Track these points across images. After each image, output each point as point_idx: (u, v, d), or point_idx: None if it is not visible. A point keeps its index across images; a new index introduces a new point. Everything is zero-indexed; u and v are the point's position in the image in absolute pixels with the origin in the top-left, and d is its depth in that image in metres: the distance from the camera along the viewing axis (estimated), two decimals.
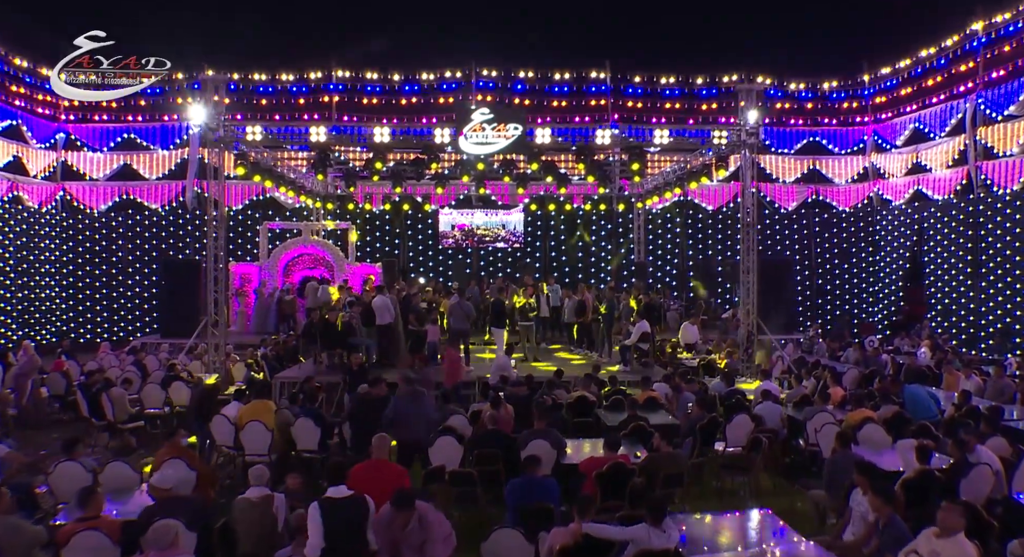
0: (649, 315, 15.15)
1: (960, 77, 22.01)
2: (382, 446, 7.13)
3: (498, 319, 15.12)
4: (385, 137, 14.97)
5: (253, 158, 17.54)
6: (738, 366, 16.27)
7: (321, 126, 16.15)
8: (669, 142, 15.35)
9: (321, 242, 22.18)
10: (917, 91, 23.99)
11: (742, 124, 15.63)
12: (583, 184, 24.02)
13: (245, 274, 21.79)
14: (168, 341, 19.24)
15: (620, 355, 15.11)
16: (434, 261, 25.31)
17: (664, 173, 21.73)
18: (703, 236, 25.54)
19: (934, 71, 23.41)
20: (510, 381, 12.19)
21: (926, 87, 23.59)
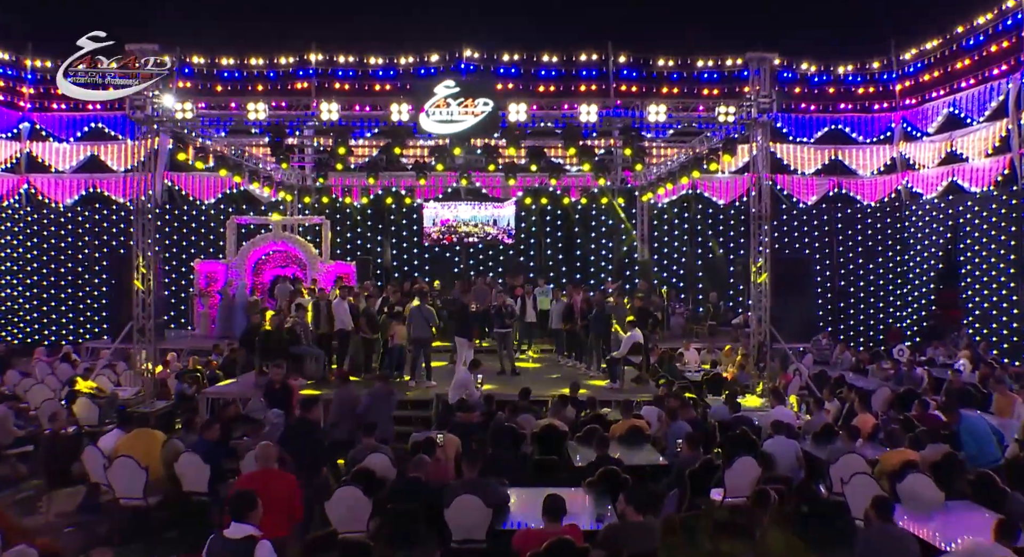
0: (642, 322, 12.68)
1: (997, 56, 19.26)
2: (268, 456, 6.45)
3: (461, 326, 12.72)
4: (333, 114, 12.65)
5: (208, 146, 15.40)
6: (748, 380, 13.76)
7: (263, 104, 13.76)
8: (665, 119, 12.79)
9: (293, 238, 19.99)
10: (949, 73, 21.22)
11: (753, 99, 13.13)
12: (580, 175, 21.65)
13: (211, 273, 19.66)
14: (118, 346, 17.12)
15: (608, 370, 12.68)
16: (419, 260, 22.98)
17: (668, 162, 19.24)
18: (713, 233, 22.93)
19: (967, 51, 20.66)
20: (466, 404, 9.81)
21: (958, 69, 20.82)
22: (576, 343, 15.00)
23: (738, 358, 15.26)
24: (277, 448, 6.72)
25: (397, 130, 14.35)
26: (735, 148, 14.46)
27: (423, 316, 12.38)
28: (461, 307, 12.81)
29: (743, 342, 17.15)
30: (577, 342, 14.97)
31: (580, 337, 14.74)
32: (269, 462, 6.42)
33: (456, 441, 8.48)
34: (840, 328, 22.89)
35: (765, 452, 8.36)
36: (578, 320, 14.76)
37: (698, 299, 22.11)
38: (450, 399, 11.13)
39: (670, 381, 13.38)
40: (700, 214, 22.95)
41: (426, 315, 12.44)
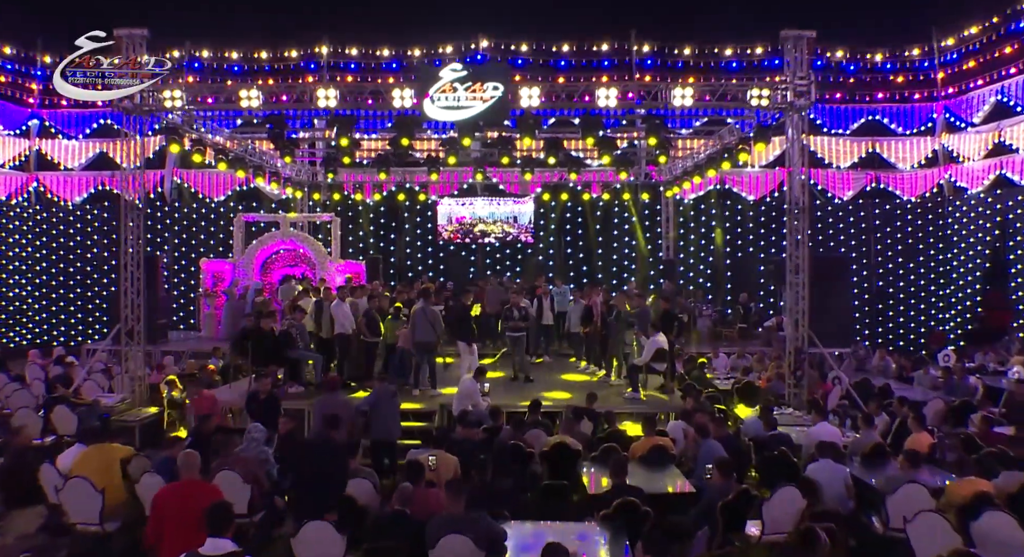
0: (667, 325, 11.49)
1: None
2: (191, 464, 6.04)
3: (462, 330, 11.59)
4: (331, 101, 11.62)
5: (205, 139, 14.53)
6: (783, 389, 12.48)
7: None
8: (692, 104, 11.58)
9: (302, 236, 19.05)
10: (994, 60, 19.67)
11: (789, 80, 11.86)
12: (602, 170, 20.48)
13: (218, 272, 18.83)
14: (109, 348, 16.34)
15: (629, 378, 11.50)
16: (433, 258, 21.94)
17: (694, 156, 17.98)
18: (742, 231, 21.58)
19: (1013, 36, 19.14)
20: (467, 418, 8.72)
21: (1005, 55, 19.28)
22: (595, 348, 13.83)
23: (771, 364, 13.98)
24: (197, 456, 6.17)
25: (404, 120, 13.30)
26: (768, 135, 13.19)
27: (427, 318, 11.30)
28: (461, 308, 11.70)
29: (776, 347, 15.88)
30: (596, 347, 13.80)
31: (599, 341, 13.55)
32: (192, 471, 6.01)
33: (454, 462, 7.40)
34: (878, 331, 21.41)
35: (809, 478, 7.14)
36: (597, 323, 13.59)
37: (726, 301, 20.77)
38: (454, 410, 10.06)
39: (697, 390, 12.16)
40: (728, 210, 21.59)
41: (430, 317, 11.36)
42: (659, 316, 11.95)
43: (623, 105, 11.95)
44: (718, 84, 12.13)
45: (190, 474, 5.98)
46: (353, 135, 14.06)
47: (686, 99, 11.48)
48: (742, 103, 12.06)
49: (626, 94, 11.82)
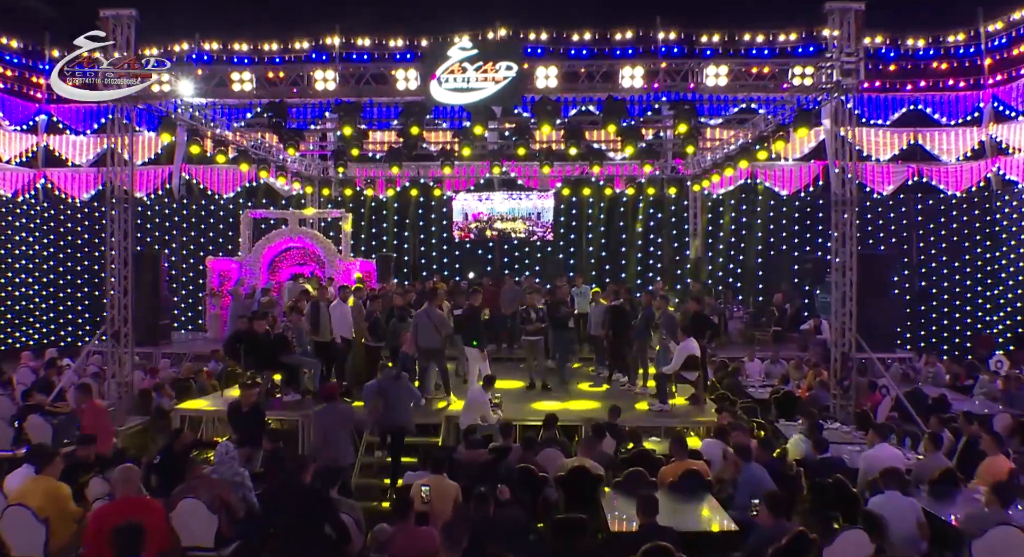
0: (698, 330, 10.28)
1: None
2: (129, 479, 5.60)
3: (470, 334, 10.45)
4: (329, 84, 10.59)
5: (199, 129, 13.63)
6: (825, 400, 11.21)
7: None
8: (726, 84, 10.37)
9: (311, 233, 18.14)
10: None
11: (835, 57, 10.59)
12: (625, 163, 19.31)
13: (224, 271, 17.95)
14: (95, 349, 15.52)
15: (656, 388, 10.31)
16: (448, 256, 20.88)
17: (724, 146, 16.71)
18: (774, 228, 20.21)
19: None
20: (470, 438, 7.62)
21: None
22: (618, 353, 12.63)
23: (809, 372, 12.69)
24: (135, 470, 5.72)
25: (413, 107, 12.25)
26: (811, 119, 11.90)
27: (431, 321, 10.22)
28: (470, 310, 10.57)
29: (813, 351, 14.60)
30: (619, 352, 12.60)
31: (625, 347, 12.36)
32: (128, 487, 5.54)
33: (454, 491, 6.31)
34: (920, 335, 19.94)
35: (873, 514, 5.94)
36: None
37: (757, 302, 19.43)
38: (461, 423, 8.98)
39: (731, 401, 10.96)
40: (759, 206, 20.25)
41: (435, 320, 10.27)
42: (690, 319, 10.73)
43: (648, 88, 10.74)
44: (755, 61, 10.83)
45: (126, 491, 5.46)
46: (358, 124, 13.02)
47: (720, 78, 10.29)
48: (781, 83, 10.79)
49: (653, 76, 10.62)
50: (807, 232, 20.05)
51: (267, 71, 11.41)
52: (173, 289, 20.60)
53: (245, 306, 16.52)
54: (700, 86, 10.53)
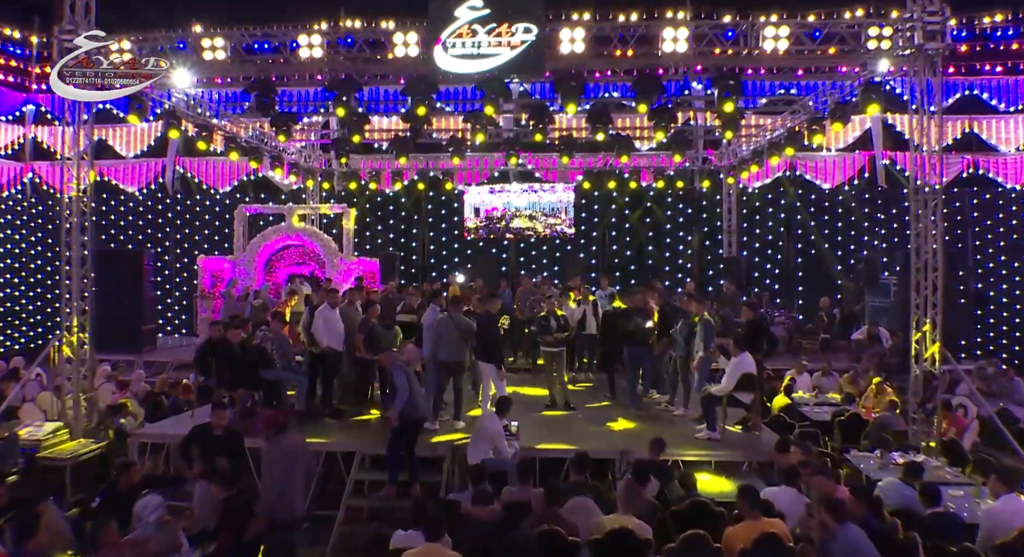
0: (754, 341, 8.51)
1: None
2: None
3: (487, 346, 8.75)
4: (316, 50, 8.93)
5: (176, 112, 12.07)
6: (896, 424, 9.37)
7: None
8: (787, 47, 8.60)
9: (310, 231, 16.57)
10: None
11: (915, 16, 8.78)
12: (653, 154, 17.57)
13: (217, 271, 16.42)
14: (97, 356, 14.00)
15: (703, 411, 8.54)
16: (459, 255, 19.19)
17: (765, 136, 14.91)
18: (815, 224, 18.34)
19: None
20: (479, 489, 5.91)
21: None
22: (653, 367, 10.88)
23: (871, 388, 10.86)
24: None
25: (417, 83, 10.57)
26: (880, 95, 10.04)
27: (458, 330, 8.51)
28: (487, 318, 8.84)
29: (867, 364, 12.76)
30: (654, 366, 10.85)
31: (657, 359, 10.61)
32: None
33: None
34: (976, 342, 17.98)
35: None
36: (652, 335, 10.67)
37: (798, 305, 17.58)
38: (469, 457, 7.28)
39: (788, 424, 9.19)
40: (799, 200, 18.38)
41: (463, 328, 8.58)
42: (745, 328, 8.94)
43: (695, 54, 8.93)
44: (821, 22, 9.02)
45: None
46: (355, 105, 11.36)
47: (780, 41, 8.50)
48: (853, 52, 9.00)
49: (700, 39, 8.86)
50: (851, 229, 18.17)
51: (243, 38, 9.75)
52: (166, 290, 19.24)
53: (238, 309, 15.08)
54: (756, 56, 8.73)
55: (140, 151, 19.39)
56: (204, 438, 6.98)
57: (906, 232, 17.68)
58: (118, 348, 13.98)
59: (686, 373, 9.48)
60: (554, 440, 8.26)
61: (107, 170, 19.52)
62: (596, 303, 12.28)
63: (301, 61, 9.16)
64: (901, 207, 17.72)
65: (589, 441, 8.20)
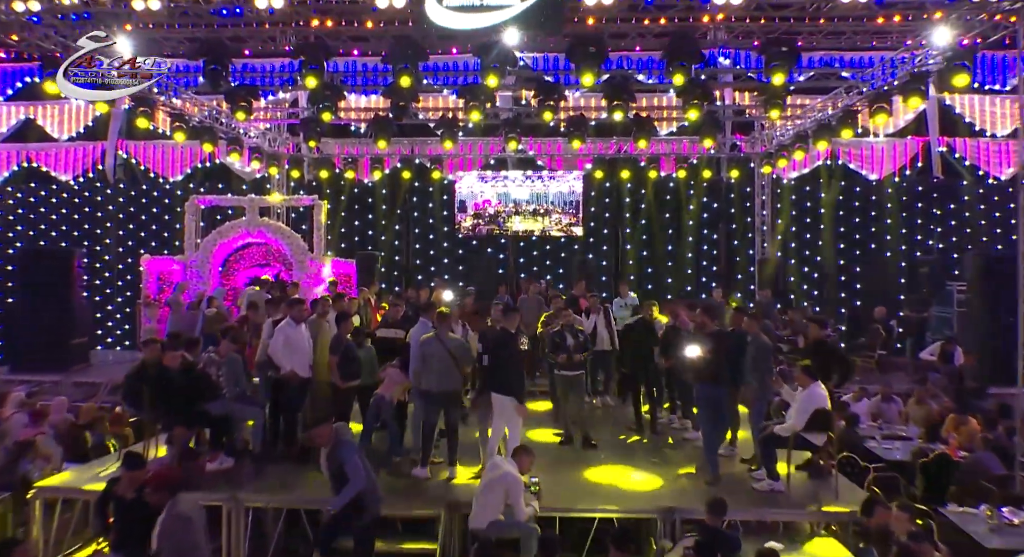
0: (826, 368, 7.40)
1: None
2: None
3: (506, 374, 7.33)
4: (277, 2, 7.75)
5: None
6: (995, 466, 8.28)
7: None
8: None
9: (275, 226, 15.42)
10: None
11: None
12: (673, 139, 16.55)
13: (164, 273, 15.23)
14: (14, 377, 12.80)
15: (762, 456, 7.42)
16: (451, 256, 18.06)
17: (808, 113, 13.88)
18: (861, 221, 17.31)
19: None
20: None
21: None
22: (686, 394, 9.79)
23: (949, 419, 9.77)
24: None
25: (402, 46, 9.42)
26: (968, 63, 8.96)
27: (448, 353, 7.37)
28: (504, 337, 7.56)
29: (936, 385, 11.73)
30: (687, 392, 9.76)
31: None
32: None
33: None
34: None
35: None
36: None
37: (840, 314, 16.55)
38: (473, 520, 6.14)
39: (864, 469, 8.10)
40: (842, 193, 17.35)
41: (452, 348, 7.44)
42: (813, 350, 7.81)
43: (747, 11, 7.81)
44: None
45: None
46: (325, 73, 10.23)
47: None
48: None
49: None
50: (902, 227, 17.14)
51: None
52: (106, 295, 18.01)
53: (188, 319, 13.88)
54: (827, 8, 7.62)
55: (76, 133, 18.00)
56: (110, 501, 5.90)
57: (965, 230, 16.93)
58: (40, 367, 12.78)
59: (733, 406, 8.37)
60: (577, 491, 7.15)
61: (35, 155, 18.18)
62: (608, 312, 11.20)
63: (259, 13, 7.99)
64: (960, 201, 16.77)
65: (621, 495, 7.10)
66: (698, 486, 7.41)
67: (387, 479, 7.39)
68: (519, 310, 7.98)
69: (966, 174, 16.64)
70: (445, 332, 7.76)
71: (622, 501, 6.99)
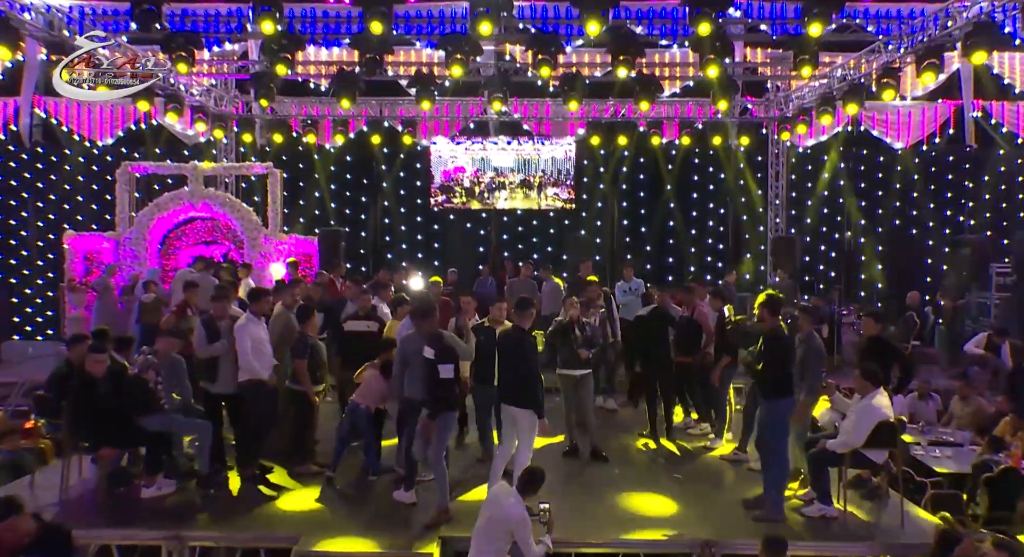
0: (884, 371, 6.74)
1: None
2: None
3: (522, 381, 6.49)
4: None
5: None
6: None
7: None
8: None
9: (222, 198, 14.58)
10: None
11: None
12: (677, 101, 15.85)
13: (92, 253, 14.38)
14: None
15: (812, 475, 6.76)
16: (425, 231, 17.32)
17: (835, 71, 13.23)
18: (886, 193, 16.80)
19: None
20: None
21: None
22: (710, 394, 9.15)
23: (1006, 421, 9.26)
24: None
25: None
26: None
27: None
28: (518, 337, 6.62)
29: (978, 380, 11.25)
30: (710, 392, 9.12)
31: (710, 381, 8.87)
32: None
33: None
34: None
35: None
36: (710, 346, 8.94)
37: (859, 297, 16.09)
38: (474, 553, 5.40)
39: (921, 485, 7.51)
40: (864, 163, 16.81)
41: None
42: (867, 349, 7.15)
43: None
44: None
45: None
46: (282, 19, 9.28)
47: None
48: None
49: None
50: (929, 201, 16.67)
51: None
52: (23, 277, 17.00)
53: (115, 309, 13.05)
54: None
55: None
56: None
57: (1001, 205, 16.50)
58: None
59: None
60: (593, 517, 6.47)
61: None
62: (611, 301, 10.52)
63: None
64: (996, 173, 16.30)
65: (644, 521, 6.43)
66: (736, 509, 6.77)
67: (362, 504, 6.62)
68: (533, 304, 7.14)
69: (1003, 142, 16.14)
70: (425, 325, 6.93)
71: (647, 529, 6.31)
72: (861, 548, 6.19)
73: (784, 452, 6.71)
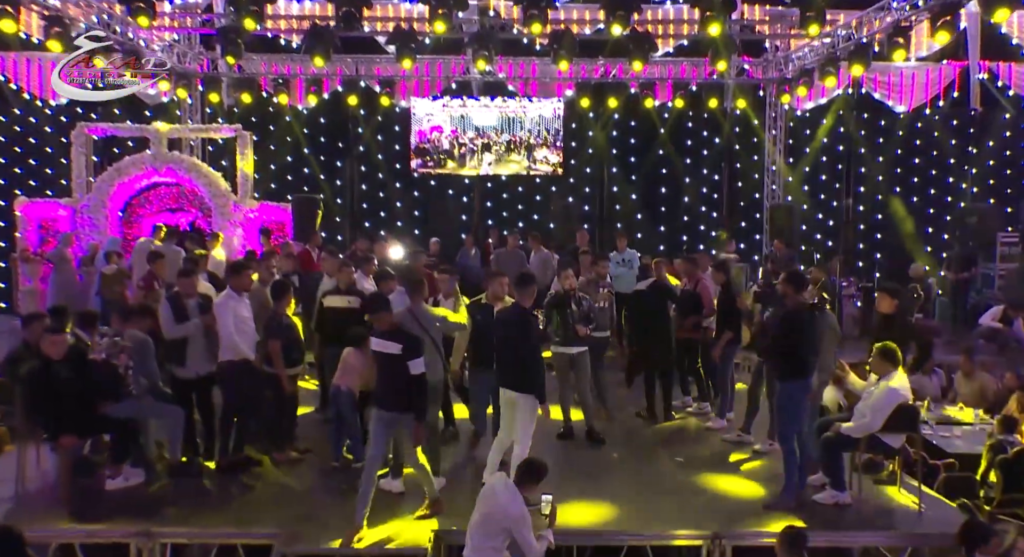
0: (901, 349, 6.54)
1: None
2: None
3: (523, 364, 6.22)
4: None
5: None
6: None
7: None
8: None
9: (188, 162, 14.27)
10: None
11: None
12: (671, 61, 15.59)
13: (47, 221, 14.08)
14: None
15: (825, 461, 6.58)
16: (405, 198, 17.07)
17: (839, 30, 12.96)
18: (886, 160, 16.68)
19: None
20: None
21: None
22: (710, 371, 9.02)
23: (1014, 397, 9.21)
24: None
25: None
26: None
27: (422, 329, 6.29)
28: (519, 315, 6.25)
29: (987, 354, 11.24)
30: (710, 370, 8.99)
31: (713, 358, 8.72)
32: None
33: None
34: None
35: None
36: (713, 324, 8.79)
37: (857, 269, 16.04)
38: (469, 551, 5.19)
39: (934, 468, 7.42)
40: (864, 127, 16.64)
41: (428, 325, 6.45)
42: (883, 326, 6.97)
43: None
44: None
45: None
46: None
47: None
48: None
49: None
50: (932, 167, 16.57)
51: None
52: None
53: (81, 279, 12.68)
54: None
55: None
56: None
57: (1005, 171, 16.42)
58: None
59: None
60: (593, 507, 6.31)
61: None
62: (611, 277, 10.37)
63: None
64: (1001, 138, 16.19)
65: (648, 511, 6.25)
66: (742, 495, 6.64)
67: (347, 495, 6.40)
68: (534, 281, 6.86)
69: (1009, 106, 16.02)
70: (419, 304, 6.68)
71: (651, 520, 6.14)
72: (879, 537, 6.06)
73: (791, 437, 6.54)
